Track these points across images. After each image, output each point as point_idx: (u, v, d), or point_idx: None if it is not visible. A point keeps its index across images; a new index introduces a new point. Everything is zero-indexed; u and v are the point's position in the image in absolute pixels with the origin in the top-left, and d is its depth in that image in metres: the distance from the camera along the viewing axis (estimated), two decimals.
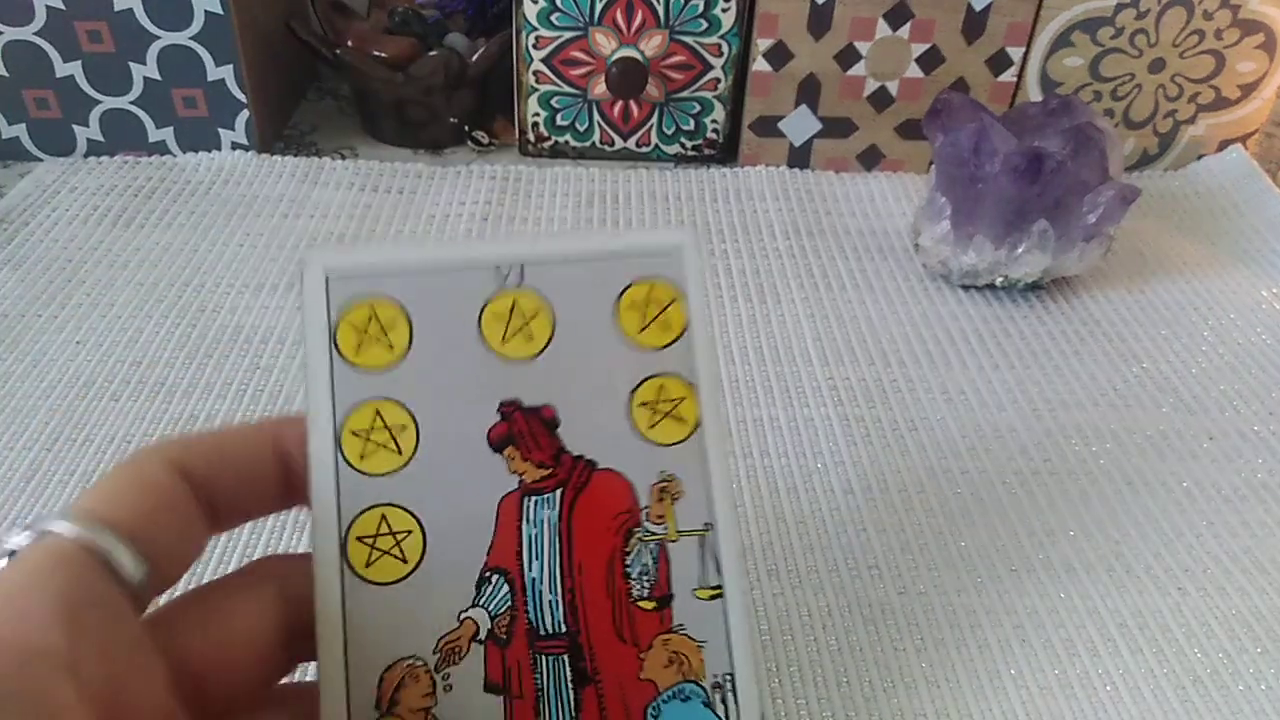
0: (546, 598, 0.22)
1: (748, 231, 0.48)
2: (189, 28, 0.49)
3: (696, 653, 0.22)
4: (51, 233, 0.46)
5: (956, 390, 0.39)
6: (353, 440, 0.21)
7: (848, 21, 0.50)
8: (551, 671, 0.22)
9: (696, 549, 0.22)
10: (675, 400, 0.23)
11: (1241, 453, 0.36)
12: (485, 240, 0.23)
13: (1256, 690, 0.28)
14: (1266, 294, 0.45)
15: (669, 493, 0.22)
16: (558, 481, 0.22)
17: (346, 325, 0.22)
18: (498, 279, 0.22)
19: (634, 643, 0.22)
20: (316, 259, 0.22)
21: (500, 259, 0.22)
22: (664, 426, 0.23)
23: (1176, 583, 0.31)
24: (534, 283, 0.22)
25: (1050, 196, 0.41)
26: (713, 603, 0.22)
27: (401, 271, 0.22)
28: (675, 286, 0.23)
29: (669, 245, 0.23)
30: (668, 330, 0.23)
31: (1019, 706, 0.27)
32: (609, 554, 0.22)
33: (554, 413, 0.22)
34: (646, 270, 0.23)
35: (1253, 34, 0.51)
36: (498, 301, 0.22)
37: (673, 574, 0.22)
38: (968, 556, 0.32)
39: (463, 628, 0.21)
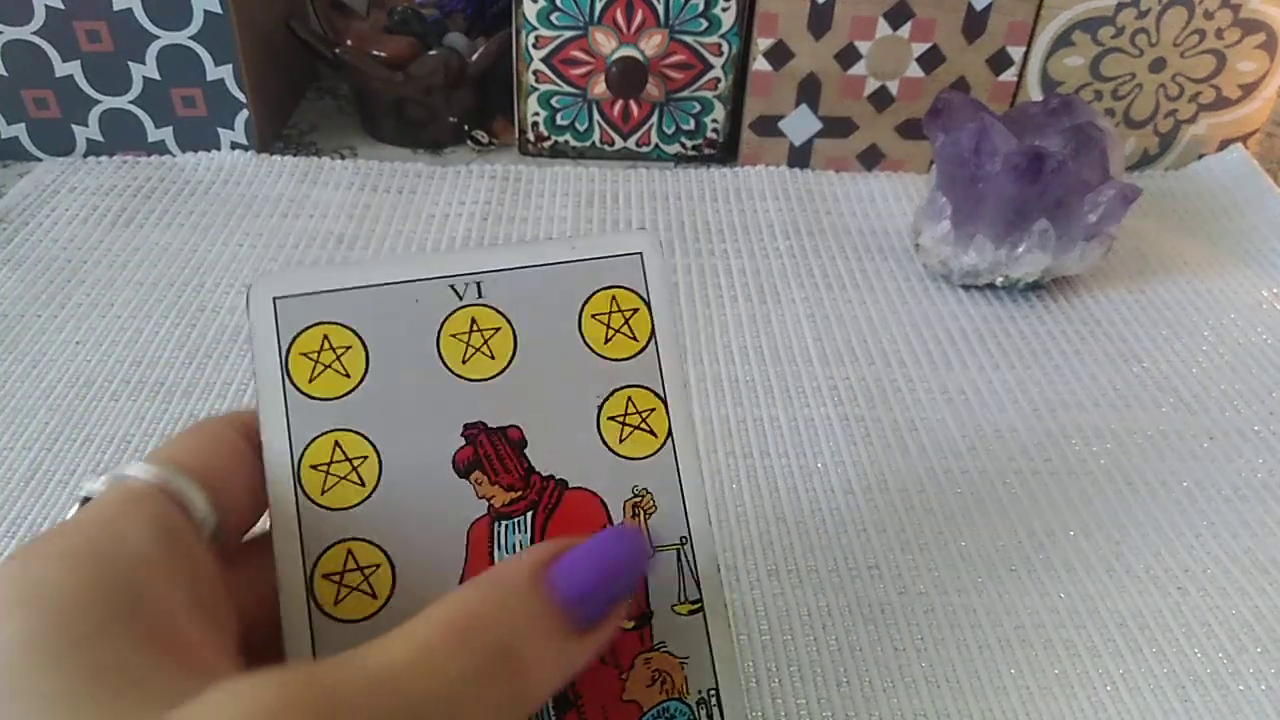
0: None
1: (748, 231, 0.48)
2: (188, 27, 0.49)
3: (679, 670, 0.22)
4: (51, 233, 0.46)
5: (957, 390, 0.39)
6: (312, 474, 0.20)
7: (848, 21, 0.50)
8: None
9: (673, 564, 0.22)
10: (645, 412, 0.22)
11: (1242, 452, 0.36)
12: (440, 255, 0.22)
13: (1256, 690, 0.28)
14: (1267, 294, 0.45)
15: (642, 508, 0.22)
16: (528, 504, 0.21)
17: (298, 354, 0.21)
18: (455, 296, 0.21)
19: (615, 664, 0.21)
20: (262, 285, 0.21)
21: (456, 275, 0.21)
22: (634, 440, 0.22)
23: (1176, 583, 0.31)
24: (492, 298, 0.21)
25: (1051, 196, 0.41)
26: (693, 618, 0.22)
27: (353, 294, 0.21)
28: (638, 294, 0.22)
29: (629, 251, 0.22)
30: (633, 340, 0.22)
31: (1019, 706, 0.27)
32: None
33: (521, 433, 0.21)
34: (608, 279, 0.22)
35: (1253, 33, 0.51)
36: (456, 320, 0.21)
37: (651, 590, 0.22)
38: (968, 556, 0.32)
39: None
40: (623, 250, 0.22)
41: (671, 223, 0.49)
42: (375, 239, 0.46)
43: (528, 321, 0.22)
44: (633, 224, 0.48)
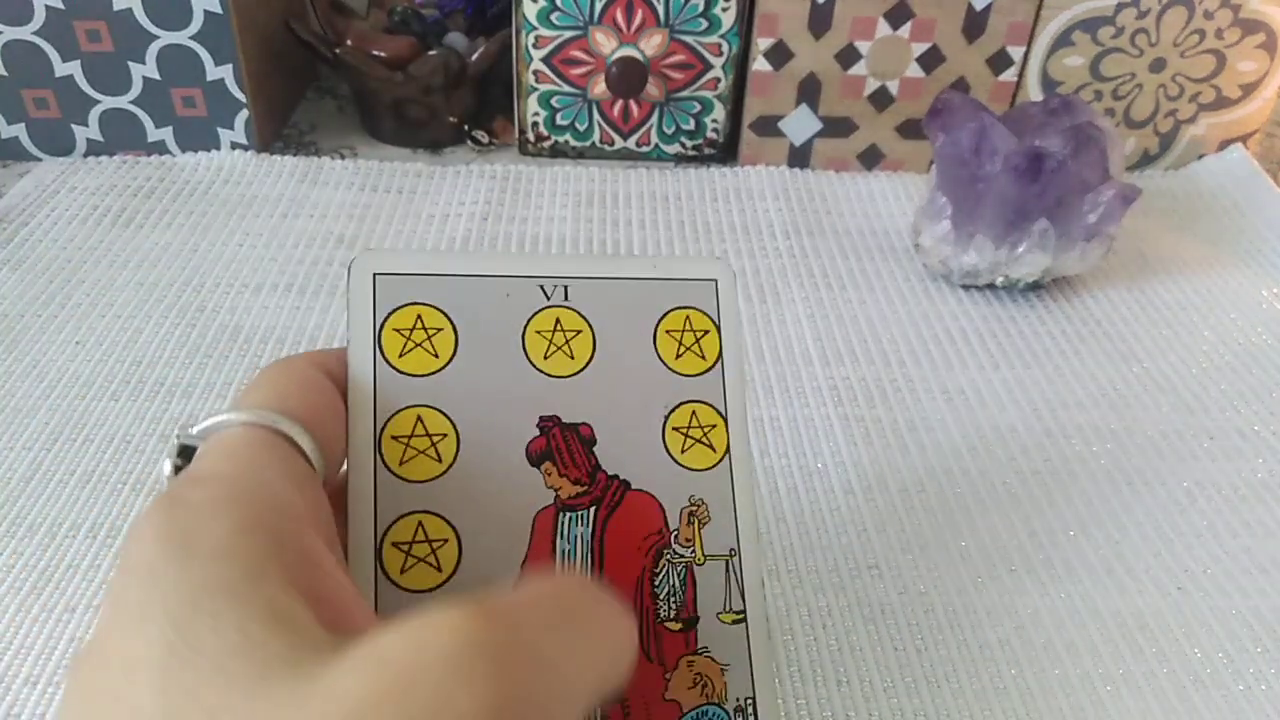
0: None
1: (748, 231, 0.48)
2: (188, 27, 0.49)
3: (720, 676, 0.22)
4: (51, 233, 0.46)
5: (957, 390, 0.39)
6: (392, 445, 0.21)
7: (848, 21, 0.50)
8: None
9: (722, 574, 0.23)
10: (707, 427, 0.23)
11: (1242, 452, 0.36)
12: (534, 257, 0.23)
13: (1257, 690, 0.28)
14: (1267, 293, 0.45)
15: (698, 517, 0.23)
16: (592, 499, 0.22)
17: (392, 329, 0.22)
18: (543, 295, 0.23)
19: (660, 662, 0.22)
20: (365, 261, 0.22)
21: (546, 277, 0.23)
22: (695, 452, 0.23)
23: (1176, 582, 0.31)
24: (577, 302, 0.23)
25: (1051, 196, 0.41)
26: (735, 627, 0.22)
27: (449, 280, 0.22)
28: (710, 317, 0.24)
29: (706, 277, 0.24)
30: (702, 359, 0.24)
31: (1019, 706, 0.27)
32: (638, 573, 0.22)
33: (591, 430, 0.22)
34: (684, 299, 0.24)
35: (1253, 33, 0.51)
36: (542, 317, 0.23)
37: (699, 597, 0.22)
38: (968, 556, 0.32)
39: None
40: (700, 275, 0.24)
41: (671, 223, 0.49)
42: (375, 239, 0.46)
43: (607, 328, 0.23)
44: (633, 224, 0.48)
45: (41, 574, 0.30)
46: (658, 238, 0.48)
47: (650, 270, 0.24)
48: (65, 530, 0.31)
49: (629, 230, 0.48)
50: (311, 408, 0.20)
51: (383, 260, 0.22)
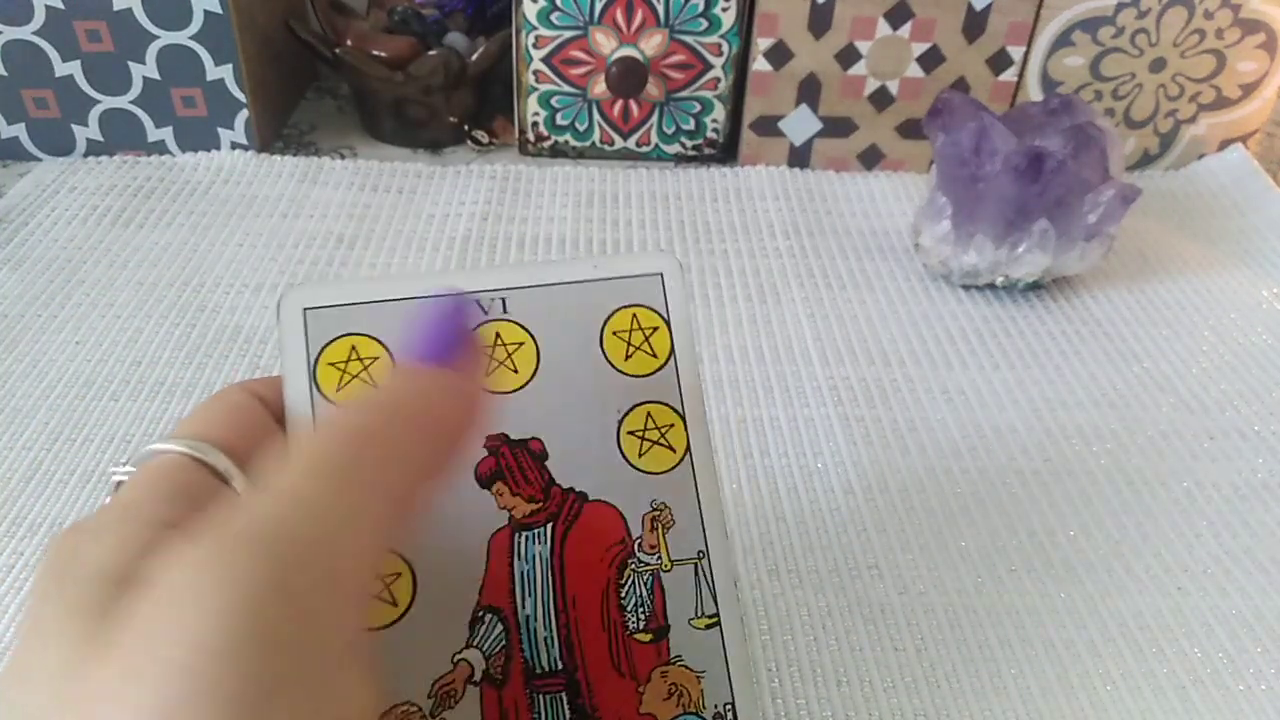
0: (541, 635, 0.21)
1: (748, 231, 0.48)
2: (188, 27, 0.49)
3: (696, 684, 0.22)
4: (51, 232, 0.46)
5: (957, 390, 0.39)
6: None
7: (848, 21, 0.50)
8: (550, 711, 0.21)
9: (691, 578, 0.22)
10: (664, 428, 0.22)
11: (1242, 452, 0.36)
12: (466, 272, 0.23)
13: (1257, 690, 0.28)
14: (1267, 294, 0.45)
15: (661, 522, 0.22)
16: (548, 515, 0.21)
17: (326, 363, 0.21)
18: (480, 311, 0.22)
19: (632, 676, 0.21)
20: (293, 296, 0.21)
21: (481, 291, 0.22)
22: (653, 454, 0.22)
23: (1176, 582, 0.31)
24: (516, 314, 0.22)
25: (1051, 196, 0.41)
26: (709, 631, 0.22)
27: (381, 307, 0.21)
28: (658, 313, 0.23)
29: (650, 272, 0.23)
30: (653, 357, 0.23)
31: (1019, 706, 0.27)
32: (603, 587, 0.22)
33: (542, 445, 0.22)
34: (629, 297, 0.23)
35: (1253, 33, 0.51)
36: (480, 334, 0.22)
37: (669, 604, 0.22)
38: (968, 556, 0.32)
39: (457, 670, 0.21)
40: (644, 270, 0.23)
41: (671, 223, 0.49)
42: (375, 239, 0.46)
43: (551, 337, 0.22)
44: (633, 224, 0.48)
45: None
46: (658, 238, 0.48)
47: (591, 271, 0.22)
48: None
49: (629, 230, 0.48)
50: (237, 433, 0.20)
51: (310, 294, 0.21)
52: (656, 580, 0.22)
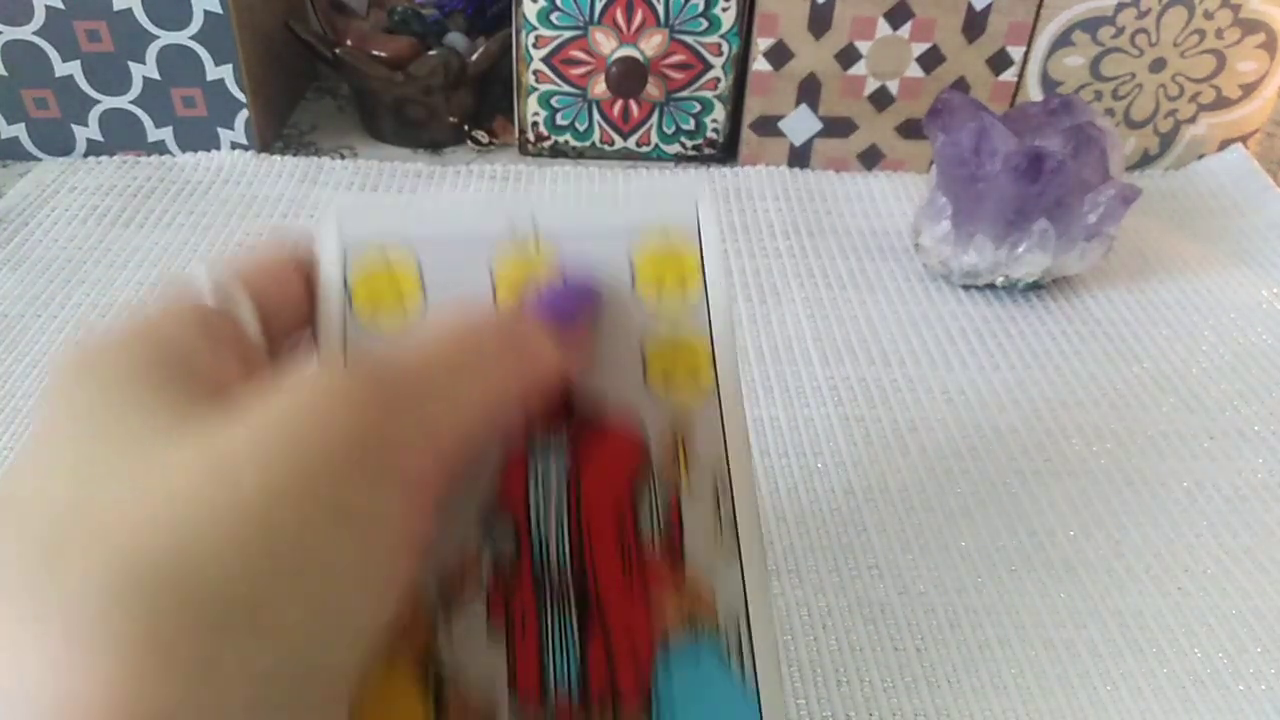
0: (553, 545, 0.21)
1: (748, 231, 0.48)
2: (188, 27, 0.49)
3: (709, 604, 0.21)
4: (51, 233, 0.46)
5: (957, 390, 0.39)
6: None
7: (848, 21, 0.50)
8: (557, 619, 0.21)
9: (710, 500, 0.22)
10: (691, 358, 0.22)
11: (1242, 452, 0.36)
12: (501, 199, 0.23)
13: (1257, 690, 0.28)
14: (1267, 294, 0.45)
15: (684, 447, 0.22)
16: (570, 433, 0.22)
17: (360, 283, 0.21)
18: (514, 239, 0.22)
19: (643, 593, 0.21)
20: (332, 210, 0.22)
21: (517, 219, 0.22)
22: (679, 384, 0.22)
23: (1177, 582, 0.31)
24: (550, 242, 0.22)
25: (1051, 196, 0.41)
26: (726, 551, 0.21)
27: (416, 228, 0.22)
28: (692, 245, 0.23)
29: (685, 202, 0.23)
30: (684, 289, 0.23)
31: (1019, 706, 0.27)
32: (620, 505, 0.21)
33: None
34: (664, 227, 0.23)
35: (1253, 33, 0.51)
36: (514, 261, 0.22)
37: (685, 524, 0.22)
38: (968, 556, 0.32)
39: (466, 572, 0.21)
40: (680, 200, 0.23)
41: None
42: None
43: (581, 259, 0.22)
44: None
45: None
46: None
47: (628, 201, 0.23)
48: None
49: None
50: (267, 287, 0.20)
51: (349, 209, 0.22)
52: (674, 501, 0.22)
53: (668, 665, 0.21)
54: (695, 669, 0.21)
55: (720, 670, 0.21)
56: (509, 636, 0.21)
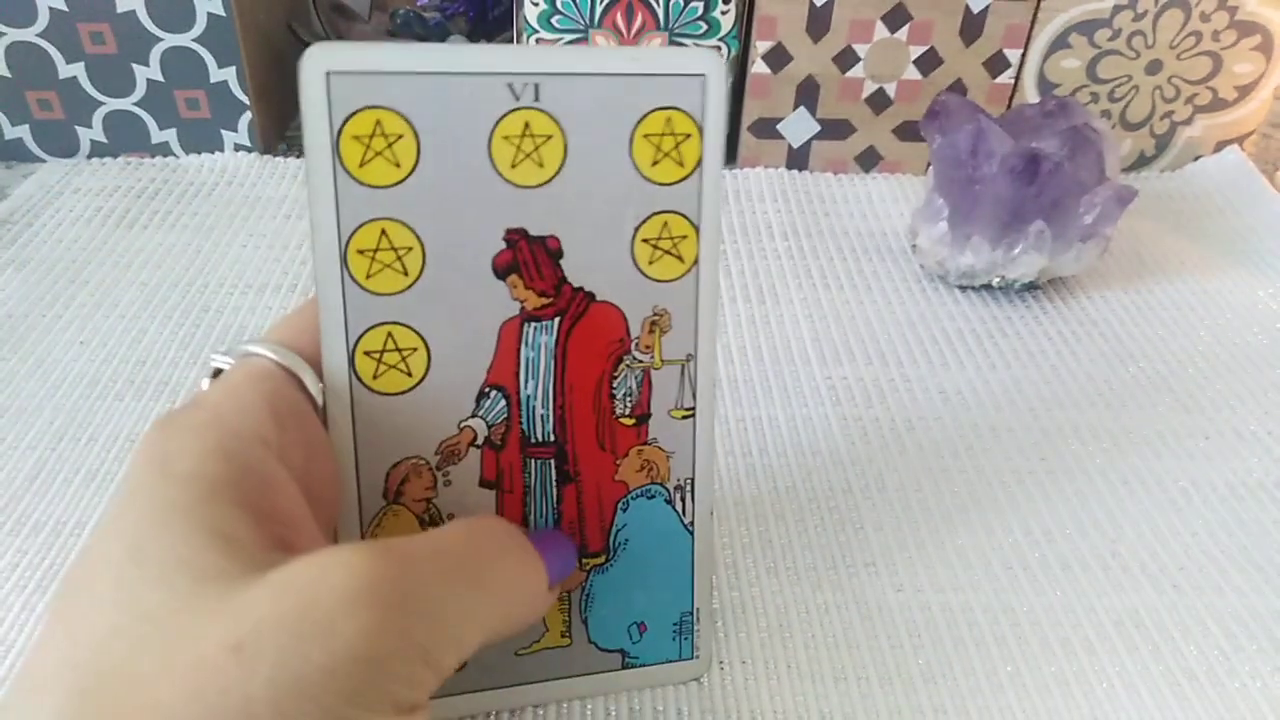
0: (539, 412, 0.24)
1: (747, 232, 0.49)
2: (191, 29, 0.49)
3: (665, 461, 0.25)
4: (55, 234, 0.46)
5: (954, 390, 0.39)
6: (358, 259, 0.21)
7: (846, 23, 0.50)
8: (539, 472, 0.24)
9: (677, 376, 0.24)
10: (677, 238, 0.23)
11: (1238, 452, 0.37)
12: (502, 50, 0.22)
13: (1252, 688, 0.28)
14: (1263, 294, 0.45)
15: (659, 325, 0.24)
16: (557, 310, 0.23)
17: (350, 136, 0.21)
18: (511, 96, 0.21)
19: (612, 451, 0.24)
20: (317, 57, 0.20)
21: (515, 74, 0.21)
22: (663, 263, 0.23)
23: (1172, 581, 0.31)
24: (549, 103, 0.21)
25: (1047, 197, 0.42)
26: (684, 421, 0.24)
27: (410, 79, 0.21)
28: (694, 119, 0.22)
29: (692, 72, 0.22)
30: (680, 166, 0.23)
31: (1015, 704, 0.28)
32: (598, 377, 0.24)
33: (559, 243, 0.22)
34: (667, 98, 0.22)
35: (1250, 35, 0.51)
36: (509, 121, 0.21)
37: (654, 396, 0.24)
38: (964, 555, 0.32)
39: (462, 434, 0.23)
40: (687, 70, 0.22)
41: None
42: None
43: (580, 132, 0.22)
44: None
45: (46, 573, 0.30)
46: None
47: (631, 64, 0.22)
48: (70, 529, 0.32)
49: None
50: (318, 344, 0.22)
51: (336, 57, 0.20)
52: (647, 375, 0.24)
53: (627, 507, 0.25)
54: (647, 507, 0.25)
55: (666, 509, 0.25)
56: (498, 485, 0.24)
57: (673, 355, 0.24)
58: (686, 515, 0.25)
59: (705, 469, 0.25)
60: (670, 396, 0.24)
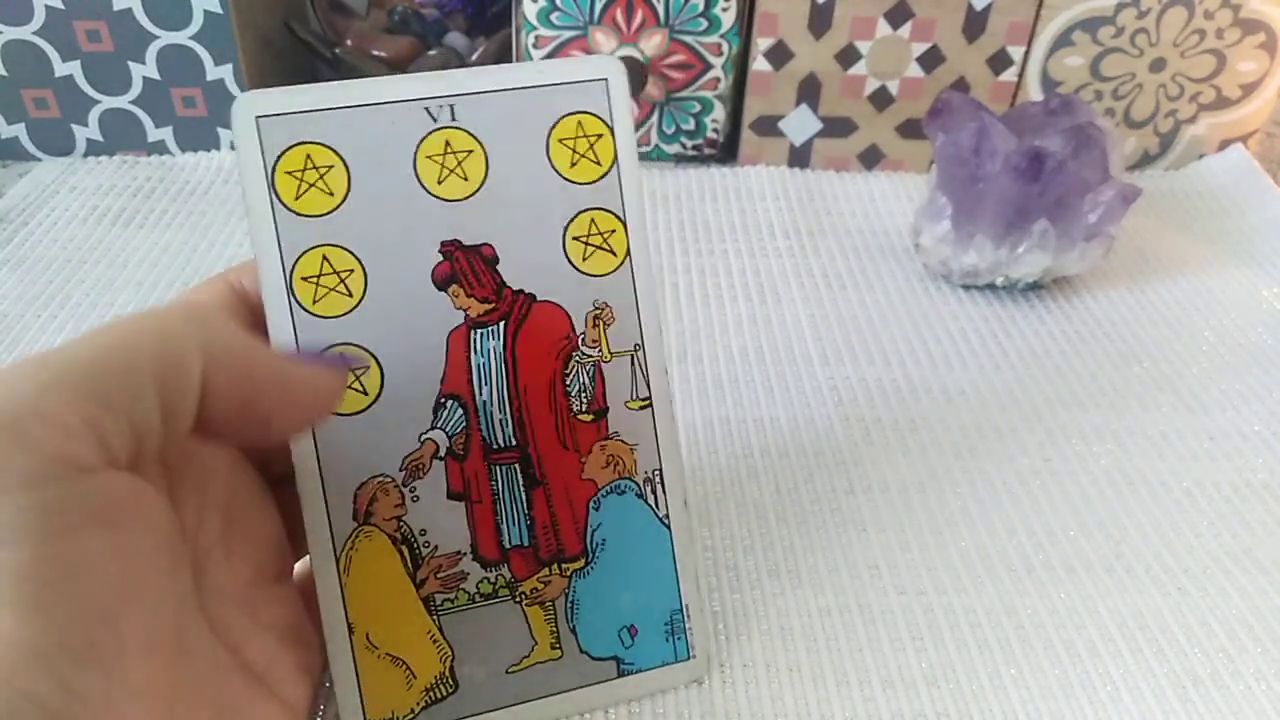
0: (497, 417, 0.24)
1: (748, 231, 0.48)
2: (188, 27, 0.49)
3: (630, 454, 0.25)
4: (51, 233, 0.46)
5: (957, 390, 0.39)
6: (304, 286, 0.22)
7: (848, 21, 0.50)
8: (505, 478, 0.24)
9: (628, 367, 0.25)
10: (606, 233, 0.24)
11: (1242, 452, 0.36)
12: (414, 78, 0.23)
13: (1257, 690, 0.28)
14: (1267, 293, 0.45)
15: (602, 319, 0.24)
16: (500, 314, 0.24)
17: (283, 172, 0.22)
18: (429, 119, 0.23)
19: (575, 449, 0.25)
20: (245, 104, 0.22)
21: (430, 98, 0.23)
22: (596, 258, 0.24)
23: (1176, 582, 0.31)
24: (465, 121, 0.23)
25: (1051, 196, 0.41)
26: (642, 412, 0.25)
27: (333, 114, 0.22)
28: (603, 120, 0.24)
29: (595, 77, 0.24)
30: (597, 164, 0.24)
31: (1019, 706, 0.27)
32: (550, 376, 0.24)
33: (493, 250, 0.23)
34: (574, 104, 0.24)
35: (1253, 33, 0.51)
36: (430, 141, 0.23)
37: (608, 389, 0.24)
38: (967, 556, 0.32)
39: (424, 447, 0.24)
40: (588, 76, 0.24)
41: (671, 223, 0.49)
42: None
43: (498, 145, 0.23)
44: None
45: None
46: (657, 238, 0.48)
47: (537, 77, 0.23)
48: None
49: None
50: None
51: (262, 102, 0.22)
52: (598, 369, 0.24)
53: (598, 505, 0.25)
54: (620, 505, 0.25)
55: (638, 504, 0.25)
56: (466, 496, 0.24)
57: (620, 347, 0.24)
58: (660, 508, 0.25)
59: (672, 457, 0.25)
60: (624, 388, 0.25)
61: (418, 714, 0.24)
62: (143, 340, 0.18)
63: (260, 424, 0.20)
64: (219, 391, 0.19)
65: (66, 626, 0.15)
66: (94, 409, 0.17)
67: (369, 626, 0.23)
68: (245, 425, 0.20)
